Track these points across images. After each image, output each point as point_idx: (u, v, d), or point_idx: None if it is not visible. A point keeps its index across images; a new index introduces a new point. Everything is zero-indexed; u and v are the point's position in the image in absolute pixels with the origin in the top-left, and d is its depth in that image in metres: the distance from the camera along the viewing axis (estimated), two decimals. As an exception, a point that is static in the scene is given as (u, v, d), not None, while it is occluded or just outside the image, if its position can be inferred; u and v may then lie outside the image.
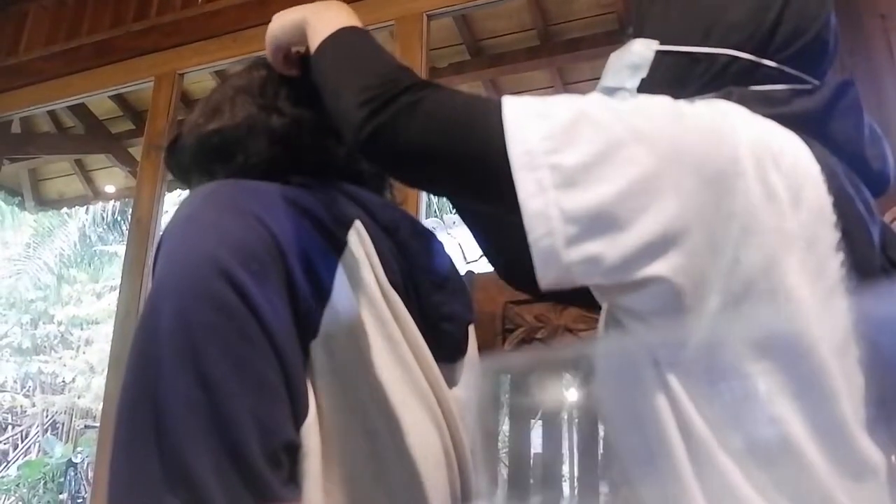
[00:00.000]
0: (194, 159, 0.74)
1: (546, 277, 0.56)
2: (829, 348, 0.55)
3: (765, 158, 0.56)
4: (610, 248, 0.54)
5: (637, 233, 0.54)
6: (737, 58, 0.67)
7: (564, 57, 2.69)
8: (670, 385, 0.57)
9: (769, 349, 0.55)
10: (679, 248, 0.54)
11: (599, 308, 0.78)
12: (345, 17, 0.71)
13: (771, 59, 0.67)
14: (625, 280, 0.56)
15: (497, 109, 0.58)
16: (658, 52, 0.70)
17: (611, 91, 0.73)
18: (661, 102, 0.60)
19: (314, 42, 0.70)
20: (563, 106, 0.58)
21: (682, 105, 0.60)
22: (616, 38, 2.54)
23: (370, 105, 0.60)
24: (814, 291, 0.55)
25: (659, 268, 0.54)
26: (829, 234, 0.57)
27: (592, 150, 0.55)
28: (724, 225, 0.54)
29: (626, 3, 2.37)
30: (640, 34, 0.73)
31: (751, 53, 0.67)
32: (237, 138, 0.71)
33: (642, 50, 0.71)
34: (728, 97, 0.64)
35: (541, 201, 0.54)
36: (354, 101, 0.61)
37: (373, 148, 0.60)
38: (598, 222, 0.54)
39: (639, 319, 0.60)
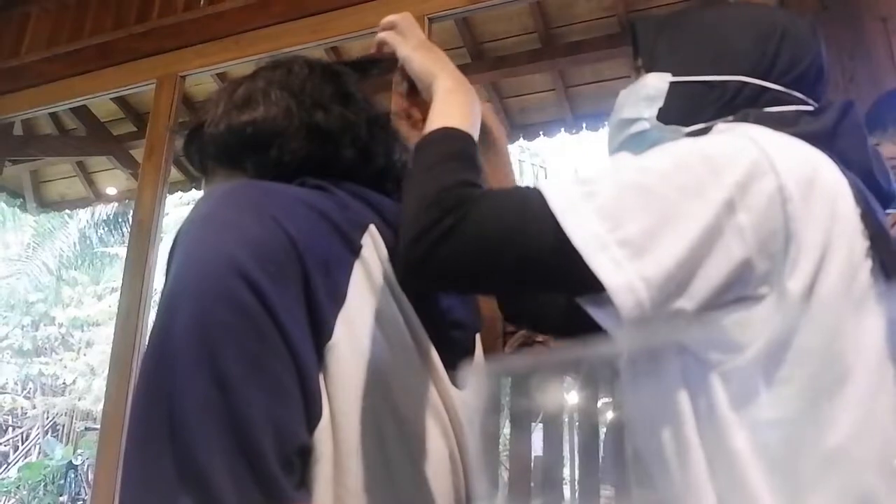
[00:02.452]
0: (222, 149, 0.73)
1: (631, 335, 0.61)
2: (868, 349, 0.58)
3: (803, 179, 0.60)
4: (690, 298, 0.58)
5: (711, 277, 0.58)
6: (747, 83, 0.72)
7: (565, 60, 2.70)
8: (710, 388, 0.60)
9: (811, 354, 0.58)
10: (752, 272, 0.58)
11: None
12: (460, 113, 0.70)
13: (775, 84, 0.72)
14: (718, 304, 0.59)
15: (543, 204, 0.59)
16: (672, 83, 0.75)
17: (630, 122, 0.78)
18: (693, 151, 0.62)
19: (427, 125, 0.69)
20: (603, 182, 0.61)
21: (712, 146, 0.62)
22: (617, 41, 2.54)
23: (413, 232, 0.60)
24: (849, 298, 0.59)
25: (744, 290, 0.59)
26: (860, 244, 0.61)
27: (649, 216, 0.58)
28: (784, 247, 0.58)
29: (627, 8, 2.37)
30: (650, 67, 0.78)
31: (757, 79, 0.72)
32: (274, 131, 0.70)
33: (657, 82, 0.76)
34: (745, 119, 0.69)
35: (622, 276, 0.57)
36: (409, 226, 0.61)
37: (421, 274, 0.61)
38: (677, 280, 0.57)
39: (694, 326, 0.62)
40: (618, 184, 0.60)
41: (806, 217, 0.59)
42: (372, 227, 0.66)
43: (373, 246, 0.65)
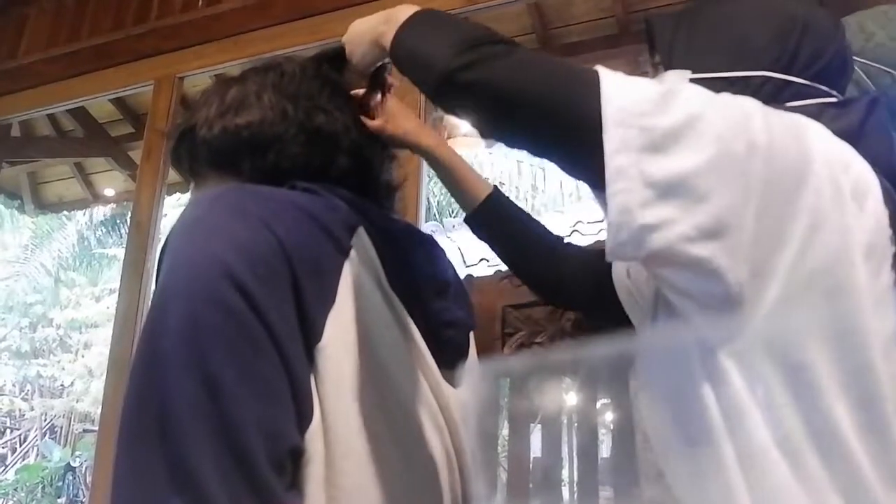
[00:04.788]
0: (216, 152, 0.72)
1: (617, 237, 0.58)
2: (879, 350, 0.57)
3: (836, 163, 0.59)
4: (681, 217, 0.56)
5: (708, 208, 0.56)
6: (770, 78, 0.71)
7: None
8: (724, 374, 0.59)
9: (825, 342, 0.57)
10: (740, 233, 0.56)
11: (608, 323, 0.81)
12: (412, 9, 0.73)
13: (798, 77, 0.71)
14: (677, 257, 0.57)
15: (592, 71, 0.61)
16: (692, 80, 0.74)
17: None
18: (749, 99, 0.62)
19: (392, 33, 0.71)
20: (656, 84, 0.61)
21: (768, 107, 0.62)
22: (615, 42, 2.54)
23: (463, 46, 0.62)
24: (870, 294, 0.58)
25: (713, 249, 0.56)
26: (886, 246, 0.60)
27: (682, 120, 0.57)
28: (791, 219, 0.57)
29: (626, 9, 2.38)
30: (669, 65, 0.78)
31: (780, 73, 0.71)
32: (273, 135, 0.70)
33: (677, 80, 0.75)
34: None
35: (624, 159, 0.56)
36: (447, 48, 0.63)
37: (462, 82, 0.62)
38: (675, 191, 0.56)
39: (694, 303, 0.61)
40: (670, 87, 0.60)
41: (828, 198, 0.57)
42: (361, 229, 0.66)
43: (363, 248, 0.65)
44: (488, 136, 0.78)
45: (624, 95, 0.59)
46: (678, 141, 0.57)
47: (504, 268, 1.59)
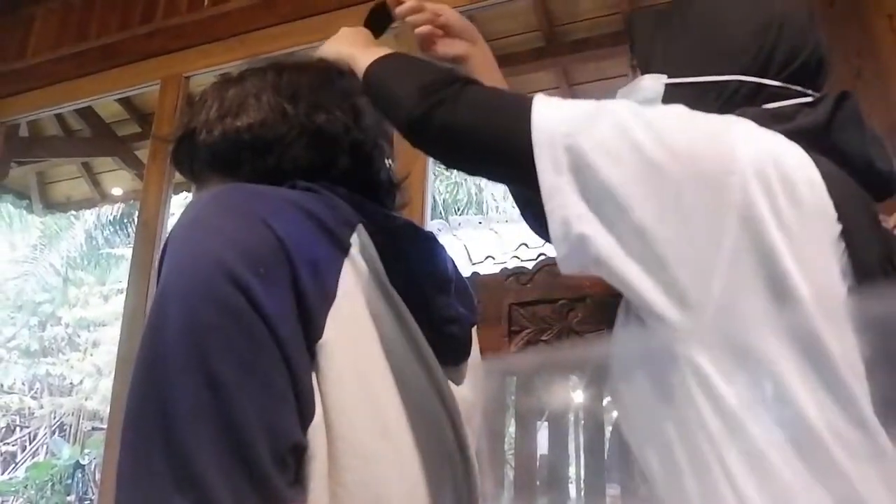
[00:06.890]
0: (216, 156, 0.72)
1: (561, 250, 0.63)
2: (832, 337, 0.58)
3: (764, 160, 0.60)
4: (609, 229, 0.60)
5: (633, 219, 0.59)
6: (743, 82, 0.71)
7: (570, 58, 2.69)
8: (687, 376, 0.59)
9: (776, 333, 0.58)
10: (666, 240, 0.59)
11: None
12: (385, 50, 0.81)
13: (774, 79, 0.71)
14: (611, 268, 0.61)
15: (529, 101, 0.66)
16: (668, 85, 0.75)
17: None
18: (677, 107, 0.65)
19: (361, 66, 0.79)
20: (587, 103, 0.66)
21: (696, 113, 0.65)
22: (621, 38, 2.54)
23: (425, 92, 0.70)
24: (813, 283, 0.58)
25: (639, 259, 0.60)
26: (829, 233, 0.60)
27: (607, 136, 0.61)
28: (720, 216, 0.58)
29: (632, 5, 2.37)
30: (647, 69, 0.78)
31: (754, 76, 0.72)
32: (274, 137, 0.70)
33: (653, 85, 0.77)
34: (744, 116, 0.68)
35: (555, 177, 0.61)
36: (412, 91, 0.71)
37: (423, 126, 0.71)
38: (604, 203, 0.60)
39: (645, 310, 0.62)
40: (599, 106, 0.65)
41: (756, 194, 0.58)
42: (360, 227, 0.66)
43: (362, 245, 0.65)
44: (452, 167, 0.86)
45: (551, 117, 0.63)
46: (603, 155, 0.60)
47: (510, 265, 1.59)
